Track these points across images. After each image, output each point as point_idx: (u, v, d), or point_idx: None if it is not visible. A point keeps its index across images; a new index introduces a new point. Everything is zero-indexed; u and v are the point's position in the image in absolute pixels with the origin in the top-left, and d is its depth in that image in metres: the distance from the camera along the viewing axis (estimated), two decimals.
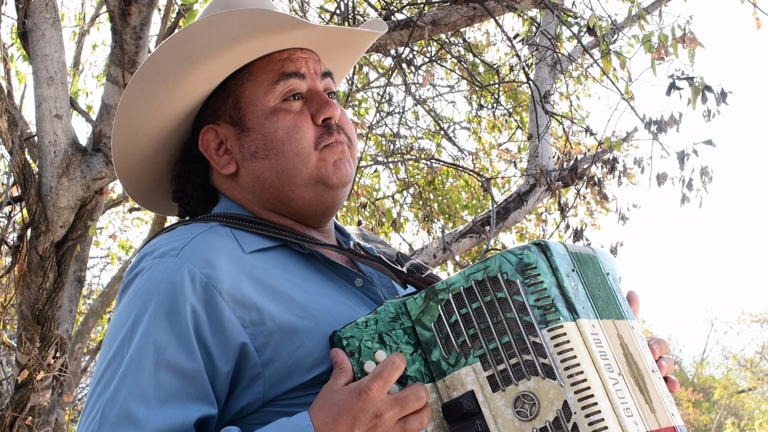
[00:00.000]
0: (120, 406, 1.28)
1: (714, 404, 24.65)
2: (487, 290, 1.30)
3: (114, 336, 1.36)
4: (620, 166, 6.22)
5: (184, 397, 1.31)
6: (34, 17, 3.77)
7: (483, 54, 7.60)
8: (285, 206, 1.54)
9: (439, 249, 5.85)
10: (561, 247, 1.36)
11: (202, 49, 1.48)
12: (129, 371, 1.31)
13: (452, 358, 1.31)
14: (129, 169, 1.64)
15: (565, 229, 5.97)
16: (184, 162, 1.62)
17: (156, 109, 1.54)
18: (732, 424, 19.32)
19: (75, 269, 4.54)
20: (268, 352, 1.35)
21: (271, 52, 1.55)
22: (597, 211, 8.03)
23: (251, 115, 1.53)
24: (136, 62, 4.19)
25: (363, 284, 1.51)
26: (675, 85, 4.47)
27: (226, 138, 1.56)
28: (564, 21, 4.86)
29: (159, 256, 1.39)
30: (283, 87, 1.53)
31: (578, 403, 1.23)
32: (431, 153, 7.83)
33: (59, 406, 4.38)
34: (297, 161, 1.51)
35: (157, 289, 1.35)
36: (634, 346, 1.40)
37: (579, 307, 1.30)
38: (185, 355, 1.32)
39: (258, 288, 1.38)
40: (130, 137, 1.58)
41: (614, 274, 1.50)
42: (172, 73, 1.50)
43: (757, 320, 26.44)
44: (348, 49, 1.72)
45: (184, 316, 1.33)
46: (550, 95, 6.15)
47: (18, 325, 3.92)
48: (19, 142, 3.74)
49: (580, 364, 1.25)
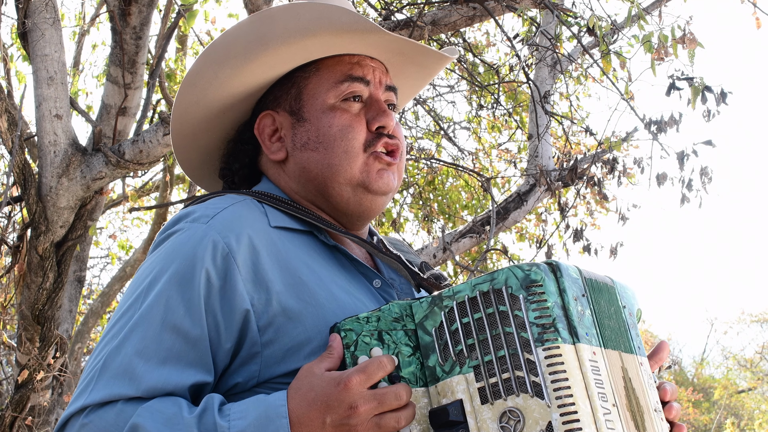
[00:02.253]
0: (121, 359, 1.33)
1: (714, 404, 24.66)
2: (491, 302, 1.30)
3: (132, 290, 1.41)
4: (620, 166, 6.22)
5: (183, 361, 1.34)
6: (34, 17, 3.77)
7: (483, 54, 7.60)
8: (324, 200, 1.57)
9: (439, 249, 5.85)
10: (574, 270, 1.34)
11: (277, 33, 1.52)
12: (137, 326, 1.35)
13: (447, 365, 1.31)
14: (183, 137, 1.67)
15: (565, 229, 5.97)
16: (237, 141, 1.66)
17: (221, 83, 1.57)
18: (732, 424, 19.34)
19: (75, 269, 4.55)
20: (269, 333, 1.37)
21: (343, 53, 1.59)
22: (597, 211, 8.04)
23: (310, 108, 1.57)
24: (136, 62, 4.19)
25: (381, 285, 1.53)
26: (675, 86, 4.47)
27: (281, 126, 1.60)
28: (564, 21, 4.86)
29: (191, 221, 1.43)
30: (347, 88, 1.57)
31: (562, 426, 1.21)
32: (431, 153, 7.83)
33: (59, 406, 4.38)
34: (344, 159, 1.54)
35: (179, 252, 1.39)
36: (638, 382, 1.38)
37: (582, 331, 1.29)
38: (191, 321, 1.35)
39: (274, 265, 1.41)
40: (191, 106, 1.61)
41: (631, 309, 1.48)
42: (243, 51, 1.53)
43: (757, 320, 26.46)
44: (418, 69, 1.75)
45: (198, 282, 1.36)
46: (550, 95, 6.15)
47: (18, 325, 3.92)
48: (19, 142, 3.74)
49: (571, 387, 1.23)
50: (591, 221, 8.10)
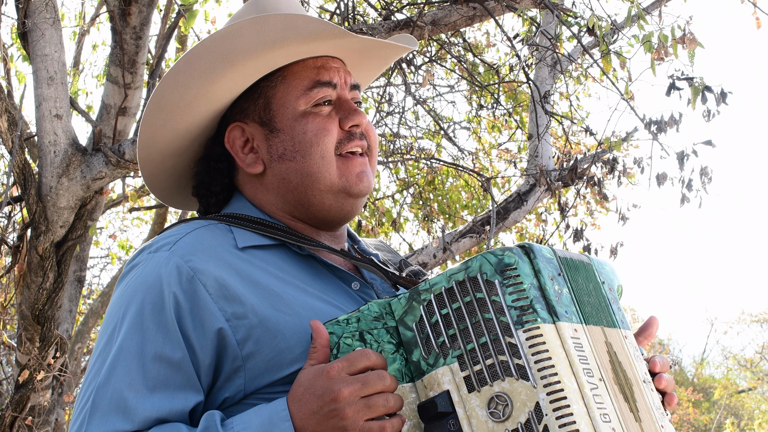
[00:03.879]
0: (110, 395, 1.33)
1: (714, 404, 24.66)
2: (467, 291, 1.30)
3: (106, 327, 1.42)
4: (620, 166, 6.22)
5: (172, 386, 1.35)
6: (34, 17, 3.77)
7: (483, 54, 7.60)
8: (305, 210, 1.57)
9: (439, 249, 5.85)
10: (548, 251, 1.34)
11: (243, 48, 1.51)
12: (119, 360, 1.36)
13: (431, 358, 1.31)
14: (152, 162, 1.66)
15: (565, 229, 5.97)
16: (208, 159, 1.65)
17: (188, 104, 1.56)
18: (732, 424, 19.34)
19: (75, 269, 4.55)
20: (249, 346, 1.38)
21: (306, 57, 1.59)
22: (597, 211, 8.03)
23: (281, 117, 1.57)
24: (136, 62, 4.19)
25: (360, 288, 1.53)
26: (675, 86, 4.47)
27: (252, 137, 1.59)
28: (564, 21, 4.86)
29: (153, 251, 1.44)
30: (316, 94, 1.57)
31: (550, 405, 1.21)
32: (431, 153, 7.83)
33: (59, 406, 4.38)
34: (321, 165, 1.54)
35: (146, 282, 1.40)
36: (624, 355, 1.39)
37: (561, 310, 1.29)
38: (171, 345, 1.36)
39: (244, 282, 1.41)
40: (158, 130, 1.60)
41: (611, 284, 1.48)
42: (209, 70, 1.52)
43: (757, 320, 26.46)
44: (375, 61, 1.76)
45: (168, 307, 1.37)
46: (550, 95, 6.15)
47: (18, 325, 3.92)
48: (19, 142, 3.74)
49: (555, 366, 1.23)
50: (591, 221, 8.10)
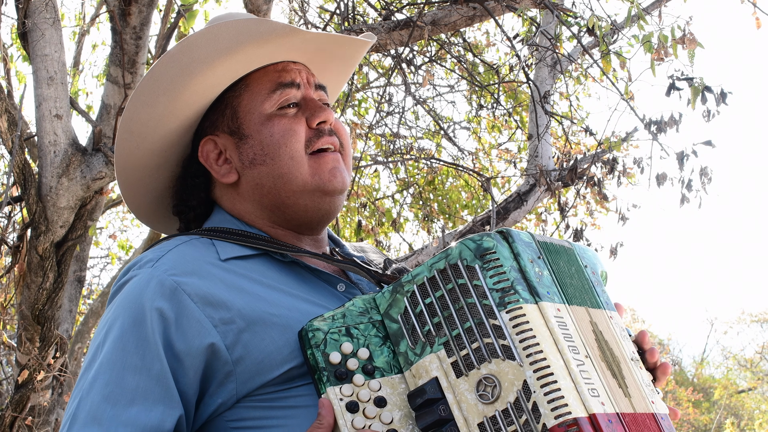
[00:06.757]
0: (89, 407, 1.35)
1: (714, 404, 24.66)
2: (449, 278, 1.31)
3: (92, 344, 1.44)
4: (620, 166, 6.22)
5: (150, 398, 1.35)
6: (34, 17, 3.77)
7: (483, 54, 7.60)
8: (282, 214, 1.57)
9: (439, 249, 5.85)
10: (526, 236, 1.37)
11: (200, 59, 1.52)
12: (100, 374, 1.37)
13: (418, 347, 1.33)
14: (131, 185, 1.67)
15: (565, 229, 5.97)
16: (186, 177, 1.66)
17: (157, 123, 1.57)
18: (732, 424, 19.34)
19: (75, 269, 4.55)
20: (238, 350, 1.39)
21: (266, 64, 1.60)
22: (597, 211, 8.04)
23: (248, 123, 1.57)
24: (136, 62, 4.19)
25: (346, 289, 1.53)
26: (675, 86, 4.47)
27: (225, 148, 1.59)
28: (564, 21, 4.86)
29: (139, 267, 1.46)
30: (280, 96, 1.58)
31: (537, 382, 1.22)
32: (431, 153, 7.83)
33: (59, 406, 4.38)
34: (291, 165, 1.54)
35: (130, 298, 1.42)
36: (610, 334, 1.40)
37: (542, 291, 1.31)
38: (150, 358, 1.37)
39: (229, 289, 1.42)
40: (132, 152, 1.61)
41: (594, 268, 1.50)
42: (171, 85, 1.53)
43: (757, 320, 26.47)
44: (340, 63, 1.77)
45: (150, 321, 1.38)
46: (550, 95, 6.15)
47: (18, 325, 3.92)
48: (19, 142, 3.74)
49: (540, 343, 1.24)
50: (591, 221, 8.11)
